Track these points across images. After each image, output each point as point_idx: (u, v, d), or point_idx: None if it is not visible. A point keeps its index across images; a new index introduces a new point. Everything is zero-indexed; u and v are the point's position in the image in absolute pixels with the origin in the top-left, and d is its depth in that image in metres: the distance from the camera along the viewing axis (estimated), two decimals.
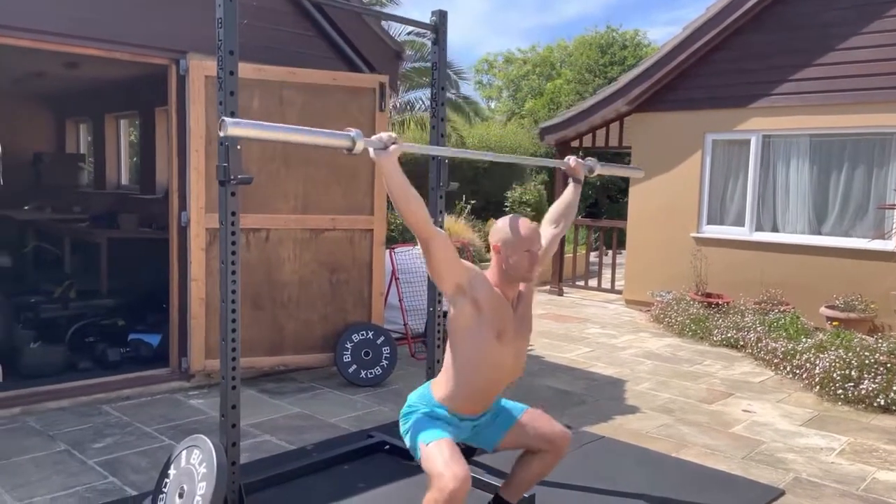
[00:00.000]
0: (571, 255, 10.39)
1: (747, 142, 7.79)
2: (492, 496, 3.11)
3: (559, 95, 22.17)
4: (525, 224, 2.73)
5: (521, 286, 2.83)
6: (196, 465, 2.88)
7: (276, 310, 5.15)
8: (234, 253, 2.88)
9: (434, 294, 3.83)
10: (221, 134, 2.23)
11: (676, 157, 8.22)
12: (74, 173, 9.45)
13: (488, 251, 12.47)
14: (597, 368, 5.95)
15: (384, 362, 5.26)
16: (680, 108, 8.15)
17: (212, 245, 4.95)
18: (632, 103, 8.44)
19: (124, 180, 9.23)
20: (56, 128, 9.97)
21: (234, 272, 2.88)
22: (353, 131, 2.47)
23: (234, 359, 2.90)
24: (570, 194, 3.30)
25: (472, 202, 13.71)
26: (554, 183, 9.63)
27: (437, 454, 2.63)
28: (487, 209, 15.08)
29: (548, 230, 3.15)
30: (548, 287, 9.77)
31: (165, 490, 2.96)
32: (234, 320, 2.89)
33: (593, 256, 11.35)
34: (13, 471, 3.58)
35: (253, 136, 2.34)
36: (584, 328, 7.57)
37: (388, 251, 6.34)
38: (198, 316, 4.93)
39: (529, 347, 6.63)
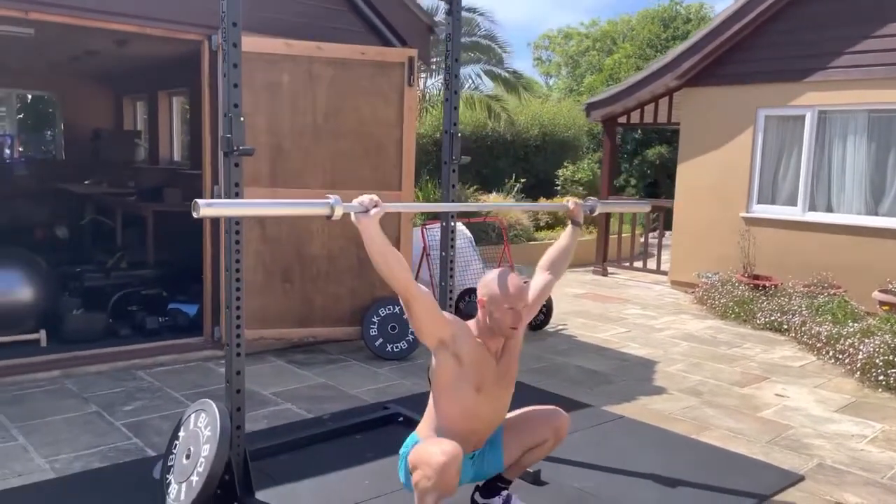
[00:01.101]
0: (618, 234, 10.17)
1: (802, 118, 7.46)
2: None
3: (618, 71, 21.65)
4: (513, 281, 2.69)
5: None
6: (202, 428, 2.97)
7: (305, 283, 5.24)
8: (237, 223, 2.93)
9: (446, 269, 3.82)
10: (195, 215, 2.18)
11: (727, 133, 7.94)
12: (130, 149, 9.78)
13: (536, 230, 12.39)
14: (630, 349, 5.85)
15: (410, 337, 5.30)
16: (731, 82, 7.86)
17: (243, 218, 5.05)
18: (681, 78, 8.18)
19: (176, 156, 9.50)
20: (114, 105, 10.32)
21: (237, 241, 2.94)
22: (331, 198, 2.44)
23: (238, 326, 2.97)
24: (567, 238, 3.20)
25: (523, 180, 13.58)
26: (612, 157, 9.42)
27: (428, 442, 2.65)
28: (538, 188, 14.93)
29: (541, 277, 3.09)
30: (591, 268, 9.64)
31: (175, 451, 3.06)
32: (237, 289, 2.96)
33: (651, 237, 11.09)
34: (45, 430, 3.77)
35: (227, 214, 2.29)
36: (623, 309, 7.44)
37: (420, 228, 6.37)
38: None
39: (562, 325, 6.59)
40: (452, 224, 3.79)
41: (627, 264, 9.62)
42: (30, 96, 10.04)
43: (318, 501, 3.10)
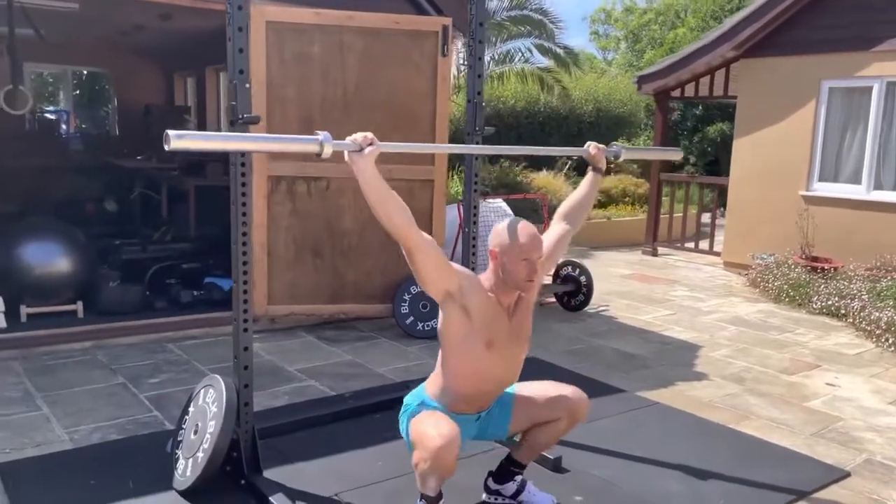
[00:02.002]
0: (669, 214, 9.79)
1: (868, 89, 6.98)
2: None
3: (680, 45, 20.86)
4: (525, 230, 2.52)
5: None
6: (210, 403, 2.92)
7: (336, 259, 5.16)
8: (244, 195, 2.84)
9: (468, 244, 3.67)
10: (166, 147, 2.02)
11: (787, 107, 7.50)
12: (180, 124, 9.88)
13: None
14: (672, 332, 5.60)
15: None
16: (793, 52, 7.40)
17: (273, 193, 5.01)
18: (739, 48, 7.76)
19: (224, 131, 9.55)
20: (166, 81, 10.44)
21: (244, 213, 2.85)
22: (320, 135, 2.27)
23: (245, 301, 2.89)
24: (586, 186, 2.99)
25: (575, 157, 13.23)
26: (664, 132, 9.05)
27: (427, 417, 2.54)
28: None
29: (558, 227, 2.89)
30: (640, 247, 9.32)
31: (184, 427, 3.02)
32: (244, 262, 2.88)
33: (708, 217, 10.68)
34: (70, 400, 3.80)
35: (199, 146, 2.10)
36: (670, 290, 7.16)
37: (457, 203, 6.22)
38: (260, 262, 5.02)
39: (604, 306, 6.36)
40: (475, 192, 3.61)
41: (680, 245, 9.26)
42: (85, 73, 10.23)
43: (326, 481, 3.02)
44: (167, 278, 5.66)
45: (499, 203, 6.82)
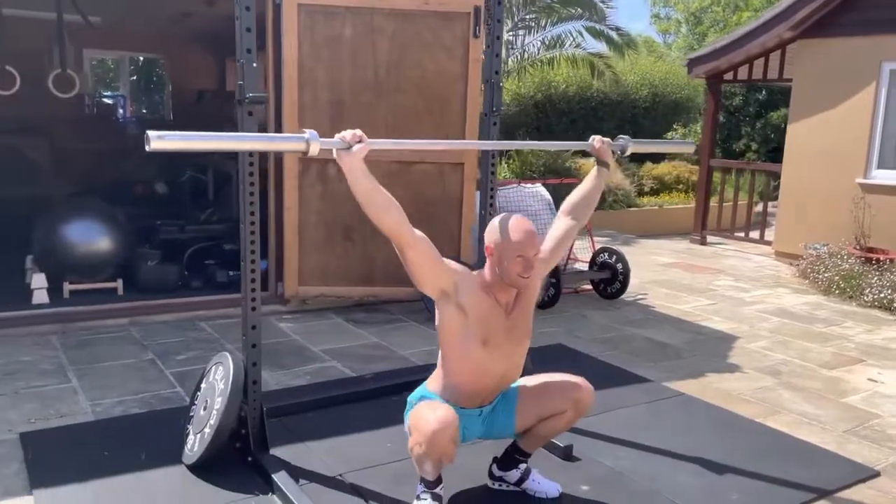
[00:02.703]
0: (719, 202, 9.49)
1: None
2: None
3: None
4: (521, 226, 2.47)
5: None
6: (218, 380, 2.96)
7: (366, 241, 5.17)
8: (251, 174, 2.86)
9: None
10: (147, 148, 2.01)
11: (845, 90, 7.15)
12: (231, 109, 10.05)
13: (638, 195, 11.80)
14: (711, 322, 5.43)
15: None
16: (853, 32, 7.04)
17: (304, 174, 5.04)
18: (795, 28, 7.42)
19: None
20: (218, 67, 10.63)
21: (251, 192, 2.87)
22: (307, 133, 2.24)
23: (253, 280, 2.91)
24: (591, 181, 2.89)
25: None
26: (714, 118, 8.75)
27: (425, 405, 2.52)
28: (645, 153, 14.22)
29: (562, 223, 2.81)
30: (689, 236, 9.07)
31: (196, 403, 3.08)
32: (252, 241, 2.90)
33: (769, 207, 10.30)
34: (99, 374, 3.92)
35: (181, 147, 2.08)
36: (714, 280, 6.94)
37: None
38: (291, 244, 5.08)
39: (642, 294, 6.21)
40: (492, 173, 3.55)
41: (730, 234, 8.97)
42: (141, 59, 10.52)
43: (334, 460, 3.03)
44: (205, 258, 5.78)
45: (537, 188, 6.71)
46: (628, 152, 3.00)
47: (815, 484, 2.98)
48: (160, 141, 1.97)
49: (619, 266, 5.95)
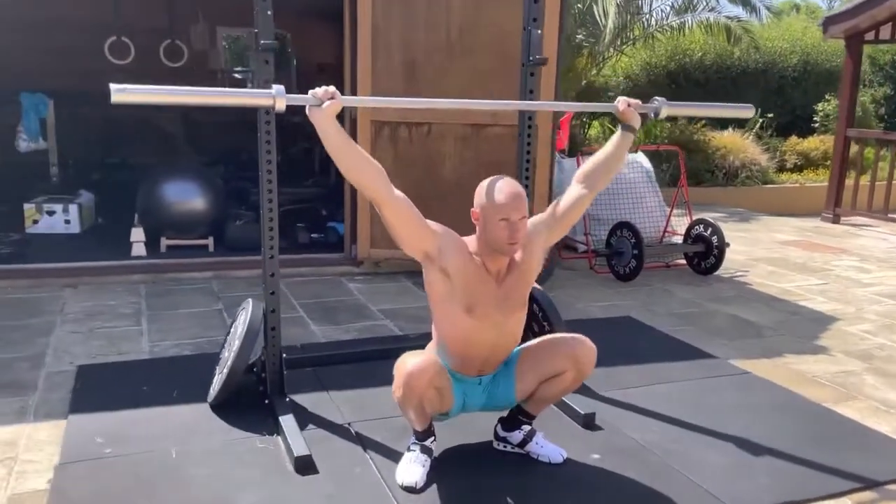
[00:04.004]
0: (864, 177, 8.57)
1: None
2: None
3: None
4: (506, 188, 2.34)
5: (518, 255, 2.44)
6: (240, 325, 3.06)
7: (435, 205, 5.07)
8: (268, 122, 2.91)
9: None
10: (112, 101, 2.01)
11: None
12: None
13: (778, 171, 10.96)
14: (812, 302, 4.94)
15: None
16: None
17: (377, 138, 5.08)
18: None
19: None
20: (337, 41, 10.94)
21: (268, 141, 2.92)
22: (273, 88, 2.20)
23: (271, 229, 2.98)
24: (612, 145, 2.66)
25: (769, 115, 11.94)
26: (853, 84, 7.89)
27: (411, 353, 2.48)
28: (794, 125, 13.12)
29: (574, 190, 2.61)
30: (820, 214, 8.28)
31: (225, 346, 3.21)
32: (270, 190, 2.96)
33: None
34: (168, 319, 4.19)
35: (142, 100, 2.06)
36: (834, 259, 6.29)
37: (577, 156, 5.93)
38: (364, 207, 5.15)
39: (742, 271, 5.74)
40: (529, 142, 3.40)
41: (868, 212, 8.07)
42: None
43: (349, 410, 3.05)
44: (294, 221, 6.00)
45: (635, 157, 6.38)
46: (663, 115, 2.74)
47: (865, 473, 2.64)
48: (122, 94, 2.00)
49: (715, 239, 5.54)
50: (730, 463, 2.72)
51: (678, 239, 6.03)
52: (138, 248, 5.31)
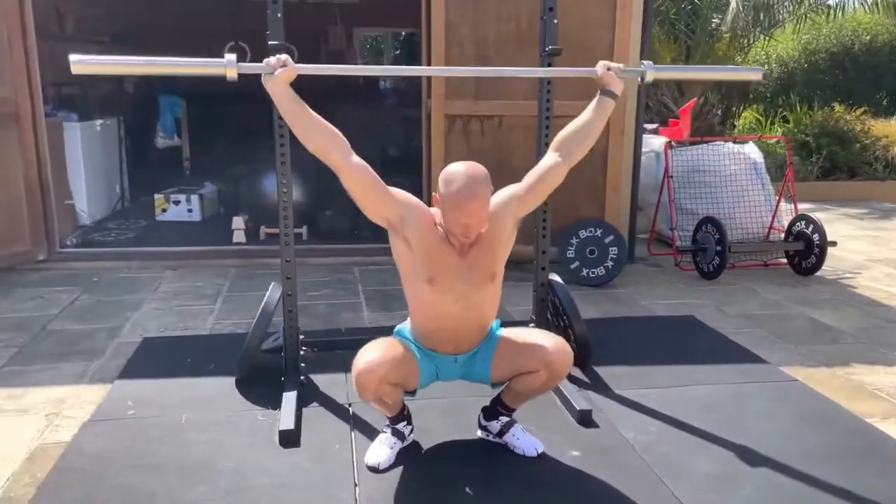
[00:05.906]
0: None
1: None
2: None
3: None
4: (465, 190, 2.24)
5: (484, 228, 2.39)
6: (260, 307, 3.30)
7: None
8: (282, 124, 3.09)
9: None
10: (73, 71, 2.17)
11: None
12: None
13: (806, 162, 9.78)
14: None
15: (609, 263, 4.84)
16: None
17: (449, 132, 5.17)
18: None
19: None
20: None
21: (282, 136, 3.11)
22: (226, 57, 2.31)
23: (286, 217, 3.18)
24: (590, 111, 2.55)
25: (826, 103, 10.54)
26: None
27: (374, 343, 2.53)
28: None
29: (548, 158, 2.55)
30: None
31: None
32: (284, 182, 3.16)
33: None
34: (239, 300, 4.52)
35: (102, 71, 2.22)
36: None
37: (664, 146, 5.66)
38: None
39: (853, 273, 5.21)
40: (546, 126, 3.34)
41: None
42: (402, 34, 11.42)
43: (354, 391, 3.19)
44: None
45: (743, 147, 5.94)
46: (649, 79, 2.61)
47: (875, 497, 2.37)
48: (81, 64, 2.22)
49: (816, 237, 5.09)
50: (716, 472, 2.55)
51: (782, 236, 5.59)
52: (238, 236, 5.79)
